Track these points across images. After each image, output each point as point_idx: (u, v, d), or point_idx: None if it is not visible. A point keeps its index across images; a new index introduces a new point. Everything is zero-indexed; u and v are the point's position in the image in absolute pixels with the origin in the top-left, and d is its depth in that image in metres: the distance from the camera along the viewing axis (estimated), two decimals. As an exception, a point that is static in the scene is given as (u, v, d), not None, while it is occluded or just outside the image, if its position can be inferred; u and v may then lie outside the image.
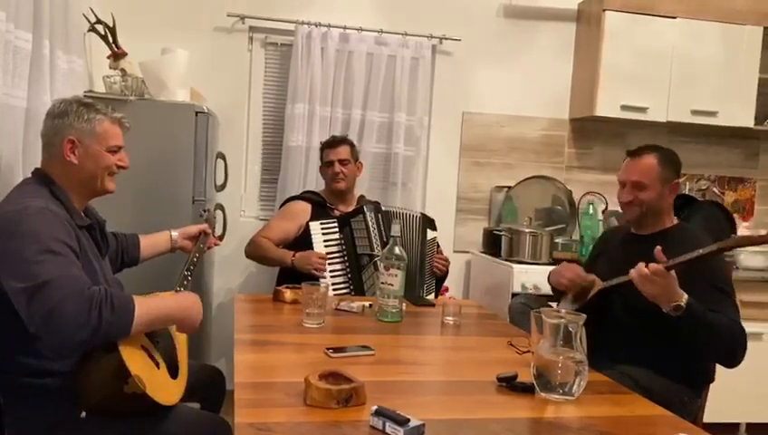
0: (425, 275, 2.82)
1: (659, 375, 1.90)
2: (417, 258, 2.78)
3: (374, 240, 2.72)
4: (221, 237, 2.89)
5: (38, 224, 1.46)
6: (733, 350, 1.83)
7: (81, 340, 1.37)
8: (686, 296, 1.76)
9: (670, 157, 2.08)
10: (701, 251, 1.74)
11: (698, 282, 1.84)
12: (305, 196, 2.95)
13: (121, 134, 1.74)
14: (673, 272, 1.76)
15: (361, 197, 3.06)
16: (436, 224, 2.95)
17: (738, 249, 3.44)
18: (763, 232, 1.71)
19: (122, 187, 1.80)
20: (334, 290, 2.60)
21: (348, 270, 2.70)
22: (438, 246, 2.95)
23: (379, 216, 2.80)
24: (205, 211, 2.32)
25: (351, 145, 2.95)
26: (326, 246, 2.70)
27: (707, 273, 1.88)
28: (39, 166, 1.70)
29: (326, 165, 2.91)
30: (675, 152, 2.11)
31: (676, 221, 2.14)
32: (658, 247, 1.77)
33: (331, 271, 2.65)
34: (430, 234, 2.87)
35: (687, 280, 1.79)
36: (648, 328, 1.88)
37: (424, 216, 2.89)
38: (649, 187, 2.03)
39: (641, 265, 1.79)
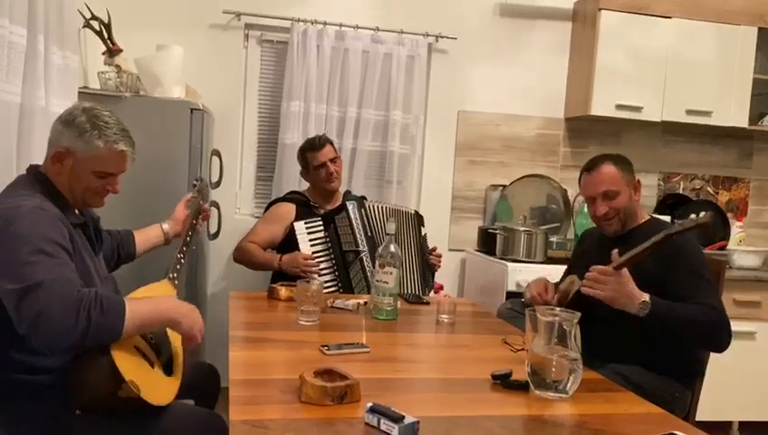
0: (427, 273, 2.82)
1: (649, 371, 1.92)
2: (418, 255, 2.79)
3: (358, 236, 2.72)
4: (216, 235, 2.90)
5: (30, 224, 1.45)
6: (714, 336, 1.84)
7: (70, 343, 1.37)
8: (647, 296, 1.77)
9: (624, 160, 2.13)
10: (646, 244, 1.75)
11: (678, 269, 1.86)
12: (289, 197, 2.93)
13: (120, 163, 1.67)
14: (625, 270, 1.76)
15: (347, 192, 3.04)
16: (432, 222, 2.95)
17: (732, 249, 3.46)
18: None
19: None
20: (323, 288, 2.59)
21: (335, 268, 2.68)
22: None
23: (363, 210, 2.79)
24: (197, 180, 2.27)
25: (331, 142, 2.93)
26: (312, 246, 2.68)
27: (685, 260, 1.90)
28: (34, 163, 1.69)
29: (317, 168, 2.84)
30: (623, 155, 2.15)
31: (647, 217, 2.15)
32: (615, 250, 1.78)
33: (318, 269, 2.64)
34: (422, 230, 2.89)
35: (667, 269, 1.80)
36: (634, 325, 1.88)
37: (417, 212, 2.89)
38: (620, 192, 2.07)
39: (591, 270, 1.80)
